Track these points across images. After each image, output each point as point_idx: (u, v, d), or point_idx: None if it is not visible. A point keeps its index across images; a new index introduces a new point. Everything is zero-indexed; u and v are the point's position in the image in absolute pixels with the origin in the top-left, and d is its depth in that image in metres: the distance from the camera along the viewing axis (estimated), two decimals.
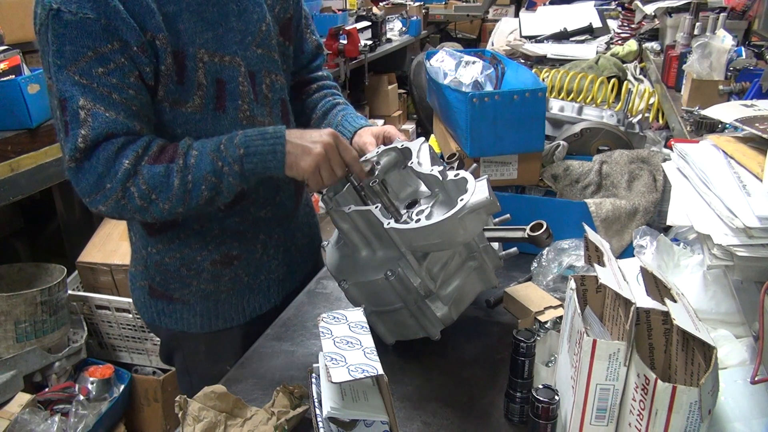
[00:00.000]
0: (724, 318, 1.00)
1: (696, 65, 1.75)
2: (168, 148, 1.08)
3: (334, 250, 1.16)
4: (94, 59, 1.01)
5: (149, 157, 1.06)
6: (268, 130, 1.10)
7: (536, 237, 1.02)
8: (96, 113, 1.02)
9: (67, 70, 1.00)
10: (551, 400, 0.79)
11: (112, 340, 2.28)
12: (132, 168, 1.04)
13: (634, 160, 1.46)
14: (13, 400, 1.86)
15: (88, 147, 1.02)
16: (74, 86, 1.01)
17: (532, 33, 2.99)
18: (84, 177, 1.05)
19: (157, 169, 1.06)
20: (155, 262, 1.29)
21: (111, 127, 1.03)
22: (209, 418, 0.91)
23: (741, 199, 0.93)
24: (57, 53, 1.00)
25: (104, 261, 2.24)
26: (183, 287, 1.30)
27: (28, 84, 1.96)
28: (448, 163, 1.23)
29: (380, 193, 1.07)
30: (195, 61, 1.11)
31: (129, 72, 1.04)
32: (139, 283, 1.35)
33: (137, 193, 1.06)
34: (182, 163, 1.07)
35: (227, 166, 1.07)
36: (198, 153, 1.08)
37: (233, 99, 1.17)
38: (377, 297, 1.05)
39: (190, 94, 1.12)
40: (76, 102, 1.01)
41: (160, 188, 1.06)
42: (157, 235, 1.26)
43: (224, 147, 1.08)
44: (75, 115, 1.01)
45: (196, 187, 1.07)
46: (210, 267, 1.28)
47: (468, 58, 1.68)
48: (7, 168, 1.92)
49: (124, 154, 1.04)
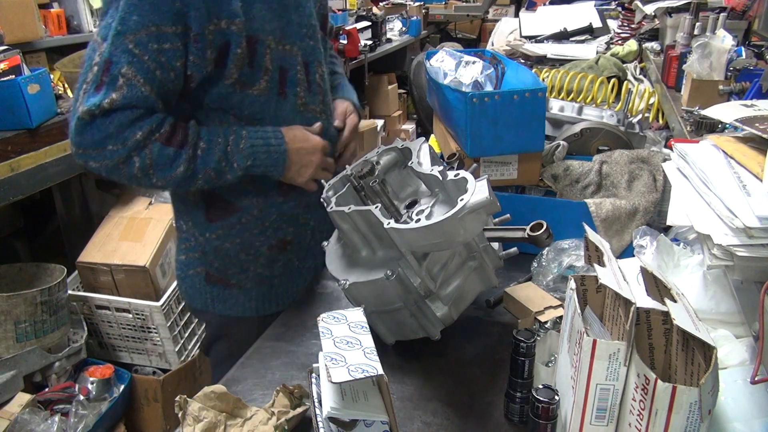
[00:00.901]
0: (724, 318, 1.00)
1: (696, 65, 1.75)
2: (178, 130, 1.14)
3: (334, 249, 1.16)
4: (154, 35, 1.07)
5: (161, 135, 1.12)
6: (271, 140, 1.21)
7: (536, 237, 1.02)
8: (133, 84, 1.07)
9: (125, 36, 1.06)
10: (551, 400, 0.79)
11: (112, 340, 2.28)
12: (142, 141, 1.10)
13: (634, 160, 1.46)
14: (13, 400, 1.86)
15: (110, 110, 1.07)
16: (125, 53, 1.06)
17: (532, 33, 2.99)
18: (90, 132, 1.08)
19: (167, 151, 1.12)
20: (214, 248, 1.33)
21: (139, 101, 1.09)
22: (209, 418, 0.91)
23: (741, 199, 0.93)
24: (122, 20, 1.06)
25: (104, 261, 2.24)
26: (241, 272, 1.35)
27: (28, 84, 1.96)
28: (448, 163, 1.23)
29: (380, 193, 1.07)
30: (264, 47, 1.18)
31: (179, 57, 1.10)
32: (193, 270, 1.38)
33: (138, 165, 1.11)
34: (191, 153, 1.14)
35: (231, 168, 1.18)
36: (206, 147, 1.16)
37: (292, 86, 1.26)
38: (377, 297, 1.05)
39: (257, 77, 1.19)
40: (120, 67, 1.06)
41: (162, 168, 1.13)
42: (219, 221, 1.31)
43: (231, 150, 1.17)
44: (114, 79, 1.07)
45: (194, 176, 1.16)
46: (267, 252, 1.35)
47: (468, 58, 1.68)
48: (7, 168, 1.92)
49: (138, 125, 1.09)
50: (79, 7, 3.33)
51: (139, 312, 2.17)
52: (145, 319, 2.18)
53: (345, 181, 1.17)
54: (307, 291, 1.38)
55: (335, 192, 1.15)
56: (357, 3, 5.40)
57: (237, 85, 1.18)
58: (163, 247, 2.30)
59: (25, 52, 2.21)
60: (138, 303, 2.17)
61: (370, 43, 4.54)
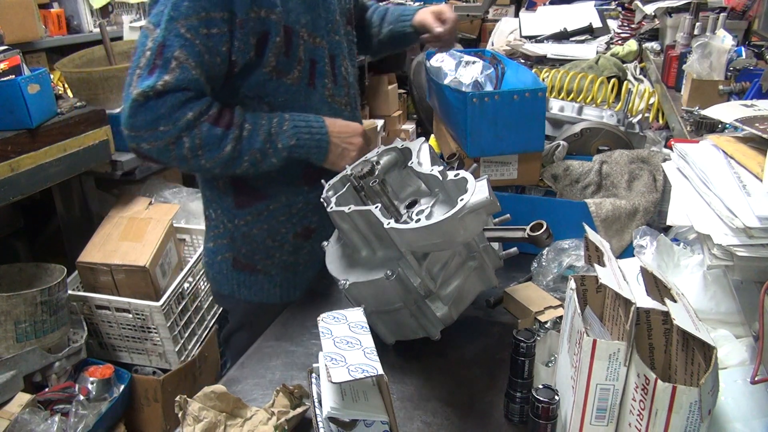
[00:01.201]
0: (724, 318, 1.00)
1: (696, 65, 1.75)
2: (225, 112, 1.20)
3: (334, 249, 1.16)
4: (204, 20, 1.13)
5: (209, 116, 1.17)
6: (313, 124, 1.26)
7: (536, 237, 1.02)
8: (185, 67, 1.13)
9: (177, 21, 1.12)
10: (551, 400, 0.79)
11: (112, 340, 2.28)
12: (193, 121, 1.15)
13: (634, 160, 1.46)
14: (13, 400, 1.86)
15: (163, 91, 1.12)
16: (177, 37, 1.12)
17: (532, 33, 2.99)
18: (143, 113, 1.13)
19: (216, 131, 1.17)
20: (242, 234, 1.39)
21: (191, 83, 1.14)
22: (209, 418, 0.91)
23: (741, 199, 0.93)
24: (174, 6, 1.12)
25: (104, 261, 2.24)
26: (266, 258, 1.41)
27: (28, 84, 1.96)
28: (448, 163, 1.23)
29: (380, 193, 1.07)
30: (298, 39, 1.25)
31: (225, 41, 1.16)
32: (221, 255, 1.44)
33: (188, 144, 1.16)
34: (238, 132, 1.19)
35: (274, 150, 1.22)
36: (251, 128, 1.21)
37: (321, 77, 1.32)
38: (377, 297, 1.05)
39: (292, 66, 1.26)
40: (173, 51, 1.12)
41: (210, 147, 1.18)
42: (247, 207, 1.36)
43: (275, 132, 1.22)
44: (167, 62, 1.12)
45: (241, 157, 1.20)
46: (292, 239, 1.40)
47: (468, 58, 1.68)
48: (7, 168, 1.92)
49: (189, 106, 1.15)
50: (79, 7, 3.33)
51: (139, 312, 2.17)
52: (145, 319, 2.18)
53: (345, 181, 1.17)
54: (307, 291, 1.38)
55: (335, 192, 1.15)
56: None
57: (273, 73, 1.24)
58: (163, 247, 2.30)
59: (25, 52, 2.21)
60: (138, 303, 2.17)
61: None
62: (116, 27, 3.44)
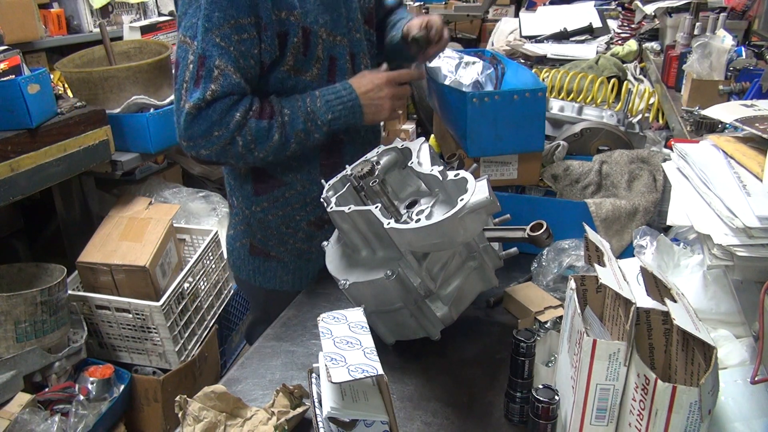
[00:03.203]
0: (724, 318, 1.00)
1: (696, 65, 1.75)
2: (265, 104, 1.28)
3: (334, 249, 1.16)
4: (234, 27, 1.19)
5: (254, 112, 1.25)
6: (341, 92, 1.31)
7: (536, 237, 1.02)
8: (227, 74, 1.21)
9: (212, 32, 1.19)
10: (551, 400, 0.79)
11: (112, 340, 2.27)
12: (241, 120, 1.23)
13: (634, 160, 1.46)
14: (13, 400, 1.85)
15: (212, 100, 1.20)
16: (215, 47, 1.19)
17: (532, 33, 2.99)
18: (198, 123, 1.21)
19: (262, 124, 1.25)
20: (258, 220, 1.45)
21: (234, 88, 1.22)
22: (209, 418, 0.91)
23: (741, 199, 0.93)
24: (207, 17, 1.18)
25: (104, 261, 2.24)
26: (280, 244, 1.47)
27: (28, 84, 1.96)
28: (448, 163, 1.24)
29: (380, 193, 1.07)
30: (317, 37, 1.30)
31: (255, 44, 1.23)
32: (239, 242, 1.52)
33: (242, 142, 1.25)
34: (281, 120, 1.27)
35: (315, 126, 1.29)
36: (290, 112, 1.28)
37: (341, 74, 1.37)
38: (377, 297, 1.05)
39: (310, 65, 1.31)
40: (213, 61, 1.19)
41: (261, 140, 1.26)
42: (264, 194, 1.43)
43: (311, 109, 1.29)
44: (210, 72, 1.20)
45: (289, 141, 1.28)
46: (306, 227, 1.45)
47: (468, 58, 1.68)
48: (7, 168, 1.92)
49: (236, 108, 1.23)
50: (79, 7, 3.33)
51: (139, 312, 2.17)
52: (145, 319, 2.18)
53: (345, 181, 1.18)
54: (307, 291, 1.38)
55: (335, 192, 1.15)
56: None
57: (292, 71, 1.30)
58: (163, 247, 2.30)
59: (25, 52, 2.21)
60: (138, 303, 2.16)
61: None
62: (116, 27, 3.44)
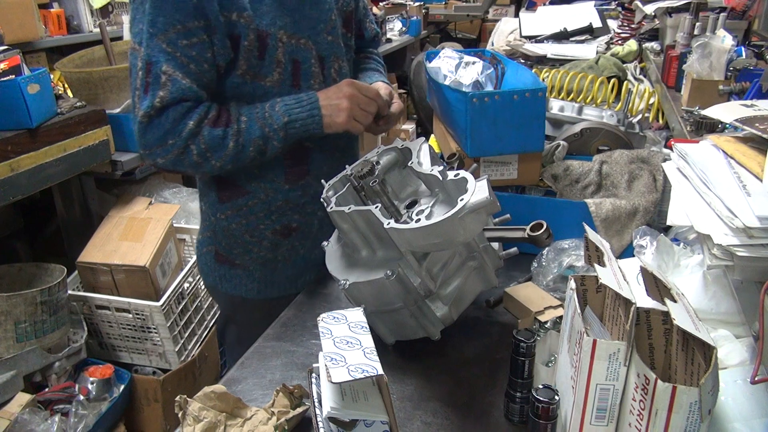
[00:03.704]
0: (724, 318, 1.00)
1: (696, 65, 1.75)
2: (222, 113, 1.24)
3: (334, 249, 1.16)
4: (181, 32, 1.16)
5: (209, 120, 1.21)
6: (302, 97, 1.27)
7: (536, 237, 1.02)
8: (175, 79, 1.17)
9: (157, 38, 1.15)
10: (551, 400, 0.79)
11: (112, 340, 2.28)
12: (195, 128, 1.20)
13: (634, 160, 1.46)
14: (13, 400, 1.86)
15: (162, 107, 1.17)
16: (161, 53, 1.16)
17: (532, 33, 2.99)
18: (151, 132, 1.19)
19: (216, 132, 1.22)
20: (223, 228, 1.42)
21: (185, 93, 1.18)
22: (209, 418, 0.91)
23: (741, 199, 0.93)
24: (151, 23, 1.15)
25: (104, 261, 2.24)
26: (245, 253, 1.43)
27: (28, 84, 1.96)
28: (448, 163, 1.23)
29: (380, 193, 1.07)
30: (275, 41, 1.25)
31: (207, 48, 1.19)
32: (206, 248, 1.49)
33: (196, 151, 1.21)
34: (236, 128, 1.23)
35: (273, 132, 1.25)
36: (247, 119, 1.24)
37: (306, 79, 1.32)
38: (377, 297, 1.05)
39: (270, 69, 1.27)
40: (160, 67, 1.16)
41: (216, 148, 1.22)
42: (228, 202, 1.39)
43: (268, 115, 1.25)
44: (157, 78, 1.16)
45: (246, 148, 1.24)
46: (271, 236, 1.41)
47: (468, 58, 1.68)
48: (7, 168, 1.92)
49: (189, 116, 1.19)
50: (79, 7, 3.33)
51: (139, 312, 2.17)
52: (145, 319, 2.18)
53: (345, 181, 1.18)
54: (307, 291, 1.38)
55: (335, 192, 1.15)
56: None
57: (247, 76, 1.26)
58: (163, 247, 2.30)
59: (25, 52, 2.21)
60: (138, 303, 2.17)
61: None
62: (116, 27, 3.44)
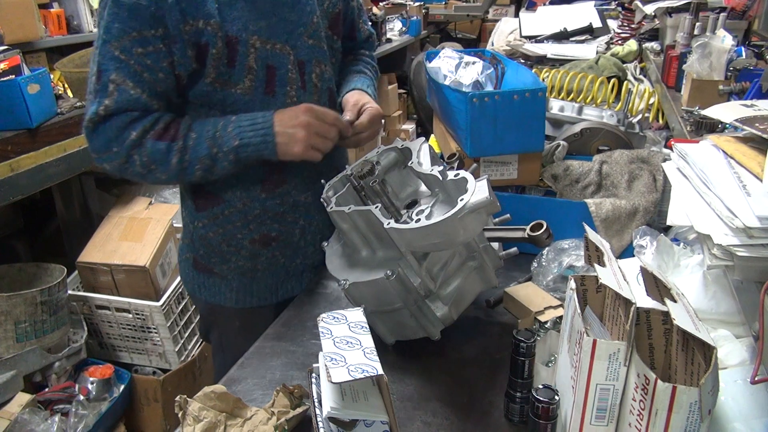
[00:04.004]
0: (724, 318, 1.00)
1: (696, 65, 1.75)
2: (171, 126, 1.20)
3: (334, 249, 1.16)
4: (136, 39, 1.12)
5: (154, 132, 1.17)
6: (258, 119, 1.20)
7: (536, 237, 1.02)
8: (123, 88, 1.14)
9: (110, 44, 1.12)
10: (551, 400, 0.79)
11: (112, 340, 2.28)
12: (137, 140, 1.16)
13: (634, 160, 1.46)
14: (13, 400, 1.86)
15: (106, 115, 1.15)
16: (112, 60, 1.13)
17: (532, 33, 2.99)
18: (96, 138, 1.17)
19: (159, 146, 1.17)
20: (200, 236, 1.38)
21: (131, 104, 1.15)
22: (209, 418, 0.91)
23: (741, 199, 0.93)
24: (106, 28, 1.12)
25: (104, 261, 2.24)
26: (223, 262, 1.38)
27: (28, 84, 1.96)
28: (448, 163, 1.23)
29: (380, 193, 1.07)
30: (246, 47, 1.20)
31: (164, 57, 1.15)
32: (185, 255, 1.46)
33: (139, 162, 1.18)
34: (182, 144, 1.18)
35: (222, 153, 1.19)
36: (196, 136, 1.19)
37: (282, 85, 1.27)
38: (377, 297, 1.05)
39: (240, 76, 1.22)
40: (109, 74, 1.13)
41: (159, 162, 1.18)
42: (204, 211, 1.35)
43: (219, 135, 1.19)
44: (105, 86, 1.14)
45: (191, 166, 1.20)
46: (249, 245, 1.36)
47: (468, 58, 1.68)
48: (7, 168, 1.92)
49: (133, 126, 1.16)
50: (79, 7, 3.34)
51: (139, 312, 2.17)
52: (145, 319, 2.18)
53: (345, 181, 1.18)
54: (307, 291, 1.38)
55: (335, 192, 1.15)
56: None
57: (216, 84, 1.21)
58: (163, 247, 2.30)
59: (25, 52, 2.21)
60: (138, 303, 2.17)
61: None
62: None
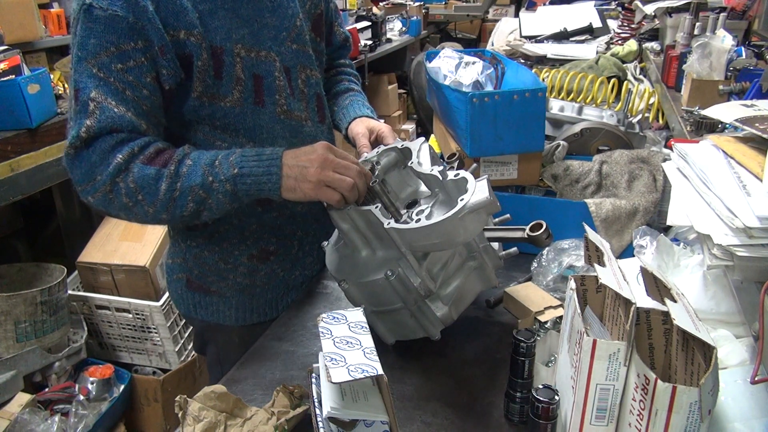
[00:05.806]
0: (724, 318, 1.00)
1: (696, 65, 1.75)
2: (165, 152, 1.08)
3: (334, 250, 1.16)
4: (115, 55, 1.03)
5: (144, 157, 1.06)
6: (266, 151, 1.09)
7: (536, 237, 1.02)
8: (105, 107, 1.03)
9: (86, 62, 1.03)
10: (551, 400, 0.79)
11: (112, 340, 2.28)
12: (124, 164, 1.04)
13: (634, 160, 1.46)
14: (13, 400, 1.86)
15: (89, 137, 1.03)
16: (90, 78, 1.03)
17: (532, 33, 2.99)
18: (79, 165, 1.05)
19: (148, 171, 1.05)
20: (194, 255, 1.31)
21: (116, 123, 1.04)
22: (209, 418, 0.91)
23: (741, 199, 0.93)
24: (80, 45, 1.03)
25: (104, 261, 2.25)
26: (220, 280, 1.32)
27: (28, 84, 1.97)
28: (448, 163, 1.23)
29: (380, 193, 1.07)
30: (232, 57, 1.13)
31: (147, 72, 1.06)
32: (176, 275, 1.37)
33: (125, 190, 1.05)
34: (173, 169, 1.06)
35: (218, 183, 1.06)
36: (192, 163, 1.07)
37: (270, 93, 1.20)
38: (377, 297, 1.05)
39: (228, 88, 1.14)
40: (87, 93, 1.03)
41: (146, 190, 1.05)
42: (197, 230, 1.28)
43: (219, 163, 1.07)
44: (85, 106, 1.03)
45: (183, 196, 1.06)
46: (247, 261, 1.30)
47: (468, 58, 1.68)
48: (7, 168, 1.92)
49: (119, 149, 1.04)
50: None
51: (139, 312, 2.18)
52: (145, 319, 2.18)
53: None
54: (307, 291, 1.38)
55: None
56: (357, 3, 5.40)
57: (205, 98, 1.13)
58: (163, 247, 2.30)
59: (25, 52, 2.21)
60: (138, 303, 2.17)
61: (370, 43, 4.54)
62: None
